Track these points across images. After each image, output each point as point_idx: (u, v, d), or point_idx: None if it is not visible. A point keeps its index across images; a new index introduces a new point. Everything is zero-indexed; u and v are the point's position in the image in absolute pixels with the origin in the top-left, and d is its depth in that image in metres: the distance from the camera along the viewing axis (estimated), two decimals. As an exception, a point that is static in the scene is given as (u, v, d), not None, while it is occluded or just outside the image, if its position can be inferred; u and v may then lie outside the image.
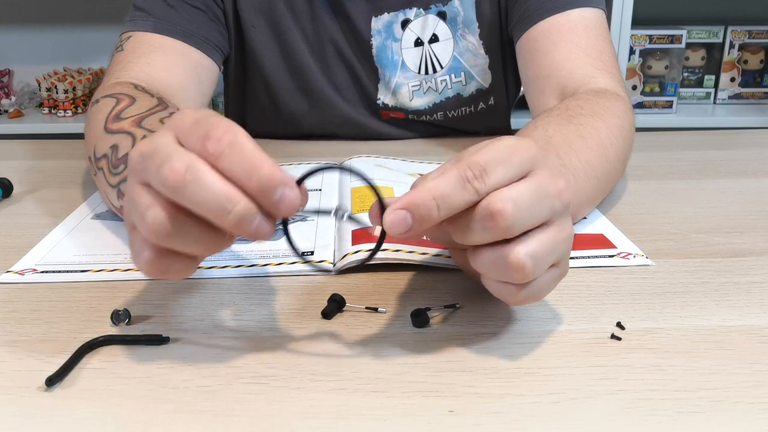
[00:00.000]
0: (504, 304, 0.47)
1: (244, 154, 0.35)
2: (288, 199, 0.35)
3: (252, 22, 0.89)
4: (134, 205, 0.37)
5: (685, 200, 0.68)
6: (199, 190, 0.34)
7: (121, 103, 0.62)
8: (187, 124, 0.37)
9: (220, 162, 0.35)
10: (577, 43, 0.77)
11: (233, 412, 0.36)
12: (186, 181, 0.34)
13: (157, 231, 0.36)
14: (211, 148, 0.35)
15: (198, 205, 0.35)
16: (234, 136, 0.35)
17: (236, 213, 0.35)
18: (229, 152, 0.35)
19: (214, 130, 0.35)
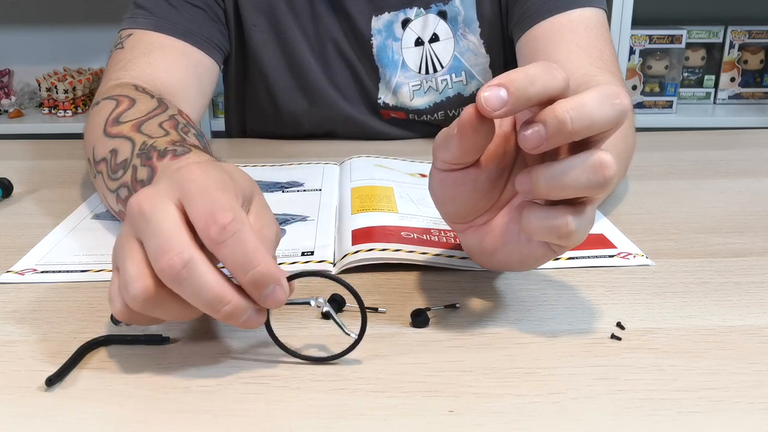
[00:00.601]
0: (504, 305, 0.47)
1: (246, 248, 0.36)
2: (275, 296, 0.37)
3: (252, 21, 0.89)
4: (123, 260, 0.37)
5: (685, 200, 0.68)
6: (194, 287, 0.36)
7: (120, 106, 0.62)
8: (194, 191, 0.37)
9: (220, 249, 0.36)
10: (577, 43, 0.77)
11: (233, 412, 0.36)
12: (182, 277, 0.36)
13: (138, 303, 0.37)
14: (215, 234, 0.36)
15: (190, 298, 0.36)
16: (240, 227, 0.36)
17: (225, 312, 0.37)
18: (232, 243, 0.36)
19: (221, 215, 0.36)
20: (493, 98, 0.36)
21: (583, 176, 0.37)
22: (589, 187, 0.38)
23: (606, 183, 0.38)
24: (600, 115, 0.36)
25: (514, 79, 0.36)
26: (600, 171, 0.37)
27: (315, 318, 0.46)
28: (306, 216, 0.62)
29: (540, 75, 0.36)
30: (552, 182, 0.38)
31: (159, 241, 0.36)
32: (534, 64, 0.37)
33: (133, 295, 0.36)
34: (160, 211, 0.37)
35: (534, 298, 0.48)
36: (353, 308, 0.47)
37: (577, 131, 0.36)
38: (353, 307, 0.47)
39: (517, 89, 0.36)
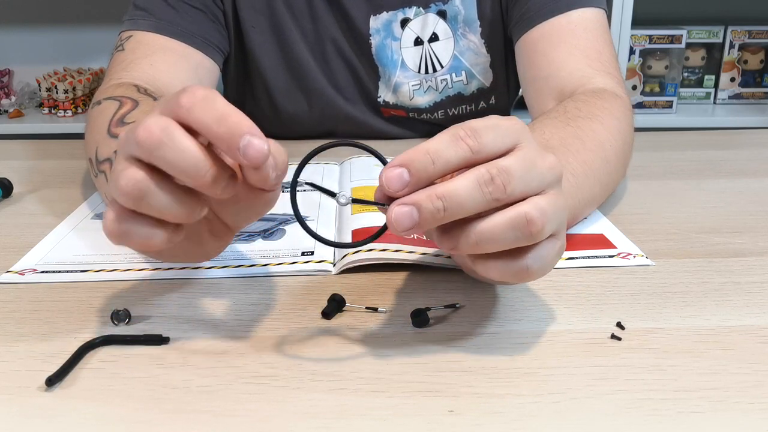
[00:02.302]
0: (504, 305, 0.47)
1: (215, 105, 0.36)
2: (253, 146, 0.36)
3: (251, 22, 0.89)
4: (113, 171, 0.37)
5: (685, 200, 0.68)
6: (175, 150, 0.35)
7: (124, 107, 0.62)
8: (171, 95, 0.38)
9: (191, 113, 0.36)
10: (575, 45, 0.77)
11: (233, 412, 0.36)
12: (162, 141, 0.35)
13: (129, 192, 0.36)
14: (185, 100, 0.36)
15: (174, 164, 0.36)
16: (208, 92, 0.36)
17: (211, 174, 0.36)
18: (201, 104, 0.36)
19: (191, 87, 0.37)
20: (394, 180, 0.37)
21: (509, 233, 0.37)
22: (518, 240, 0.37)
23: (534, 236, 0.37)
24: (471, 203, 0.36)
25: (415, 159, 0.37)
26: (524, 228, 0.37)
27: (315, 318, 0.46)
28: (306, 216, 0.62)
29: (443, 150, 0.37)
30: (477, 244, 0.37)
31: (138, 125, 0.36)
32: (441, 135, 0.37)
33: (122, 183, 0.36)
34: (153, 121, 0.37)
35: (534, 298, 0.48)
36: (353, 308, 0.47)
37: (449, 217, 0.36)
38: (353, 307, 0.47)
39: (417, 171, 0.37)
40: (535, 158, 0.38)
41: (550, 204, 0.38)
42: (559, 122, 0.61)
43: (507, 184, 0.37)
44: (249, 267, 0.53)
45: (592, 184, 0.58)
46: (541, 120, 0.63)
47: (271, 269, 0.52)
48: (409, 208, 0.36)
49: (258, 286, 0.50)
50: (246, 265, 0.53)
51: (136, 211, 0.37)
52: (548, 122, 0.62)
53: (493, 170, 0.37)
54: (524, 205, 0.37)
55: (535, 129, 0.60)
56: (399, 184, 0.37)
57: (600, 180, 0.59)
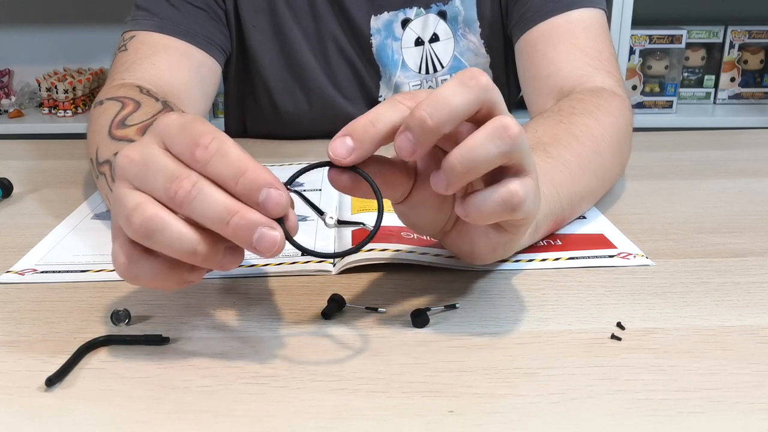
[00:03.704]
0: (504, 305, 0.47)
1: (230, 160, 0.37)
2: (272, 198, 0.37)
3: (252, 22, 0.89)
4: (120, 206, 0.38)
5: (685, 200, 0.68)
6: (203, 202, 0.36)
7: (126, 108, 0.63)
8: (173, 130, 0.38)
9: (208, 169, 0.37)
10: (575, 44, 0.77)
11: (233, 412, 0.36)
12: (192, 196, 0.36)
13: (139, 228, 0.37)
14: (199, 155, 0.37)
15: (200, 215, 0.37)
16: (220, 144, 0.37)
17: (235, 223, 0.36)
18: (217, 159, 0.36)
19: (202, 138, 0.37)
20: (339, 148, 0.38)
21: (489, 144, 0.38)
22: (501, 154, 0.38)
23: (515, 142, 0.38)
24: (457, 101, 0.37)
25: (356, 125, 0.38)
26: (504, 133, 0.38)
27: (315, 318, 0.46)
28: (306, 216, 0.62)
29: (383, 113, 0.39)
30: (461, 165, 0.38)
31: (165, 173, 0.37)
32: (381, 104, 0.40)
33: (133, 220, 0.36)
34: (151, 153, 0.38)
35: (534, 298, 0.48)
36: (353, 308, 0.47)
37: (440, 123, 0.37)
38: (353, 307, 0.47)
39: (359, 135, 0.38)
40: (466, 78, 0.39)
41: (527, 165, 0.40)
42: (553, 120, 0.62)
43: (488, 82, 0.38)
44: (249, 267, 0.53)
45: (588, 178, 0.58)
46: (536, 119, 0.63)
47: (271, 269, 0.52)
48: (404, 135, 0.38)
49: (258, 286, 0.50)
50: (246, 265, 0.53)
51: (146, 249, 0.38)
52: (542, 121, 0.62)
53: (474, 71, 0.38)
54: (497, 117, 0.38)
55: (529, 128, 0.60)
56: (343, 150, 0.38)
57: (596, 174, 0.59)
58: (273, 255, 0.37)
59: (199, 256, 0.37)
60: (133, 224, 0.37)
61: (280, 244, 0.37)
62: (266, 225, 0.36)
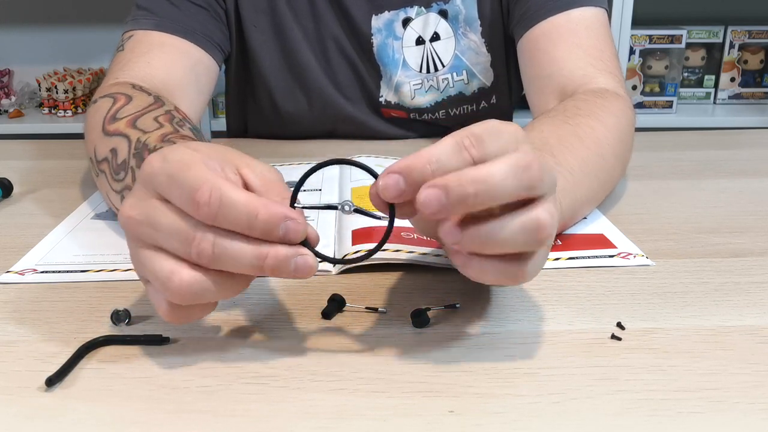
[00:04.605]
0: (504, 305, 0.47)
1: (238, 208, 0.36)
2: (291, 230, 0.37)
3: (253, 21, 0.89)
4: (149, 271, 0.38)
5: (685, 200, 0.68)
6: (231, 258, 0.36)
7: (117, 103, 0.63)
8: (163, 181, 0.37)
9: (220, 223, 0.36)
10: (577, 44, 0.77)
11: (233, 413, 0.36)
12: (217, 255, 0.36)
13: (184, 296, 0.37)
14: (205, 215, 0.36)
15: (233, 268, 0.37)
16: (220, 193, 0.36)
17: (269, 265, 0.37)
18: (223, 211, 0.36)
19: (198, 194, 0.36)
20: (390, 188, 0.36)
21: (519, 237, 0.36)
22: (526, 245, 0.37)
23: (542, 243, 0.37)
24: (505, 190, 0.35)
25: (414, 167, 0.36)
26: (535, 233, 0.36)
27: (315, 318, 0.46)
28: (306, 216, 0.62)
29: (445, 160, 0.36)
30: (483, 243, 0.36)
31: (177, 234, 0.36)
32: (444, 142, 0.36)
33: (175, 289, 0.37)
34: (152, 212, 0.37)
35: (534, 298, 0.48)
36: (353, 308, 0.47)
37: (479, 203, 0.35)
38: (353, 307, 0.47)
39: (414, 181, 0.36)
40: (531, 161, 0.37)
41: (555, 210, 0.38)
42: (558, 120, 0.62)
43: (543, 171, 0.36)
44: (249, 267, 0.53)
45: (590, 182, 0.58)
46: (541, 119, 0.63)
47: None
48: (436, 192, 0.35)
49: (258, 286, 0.50)
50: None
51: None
52: (547, 121, 0.62)
53: (528, 157, 0.36)
54: (536, 209, 0.36)
55: (534, 128, 0.60)
56: (395, 191, 0.36)
57: (598, 177, 0.59)
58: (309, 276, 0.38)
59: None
60: (175, 294, 0.37)
61: (315, 264, 0.38)
62: (297, 254, 0.37)
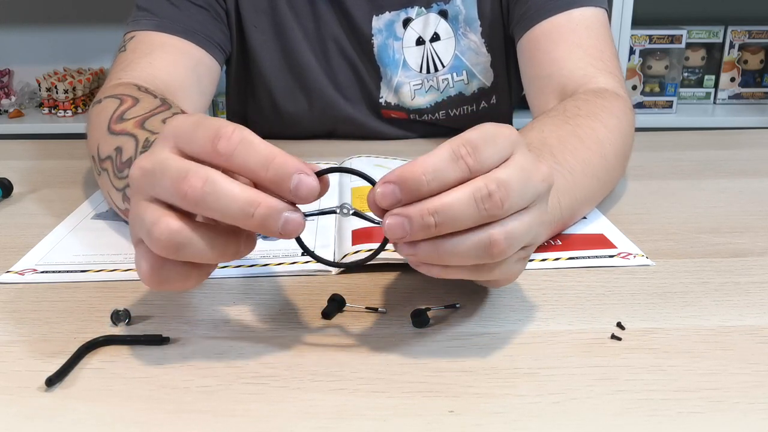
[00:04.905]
0: (504, 305, 0.47)
1: (257, 149, 0.36)
2: (305, 184, 0.36)
3: (254, 22, 0.89)
4: (140, 221, 0.37)
5: (685, 200, 0.68)
6: (220, 199, 0.35)
7: (124, 104, 0.62)
8: (187, 129, 0.37)
9: (234, 159, 0.36)
10: (577, 43, 0.77)
11: (233, 413, 0.36)
12: (205, 192, 0.35)
13: (166, 244, 0.36)
14: (223, 147, 0.35)
15: (220, 213, 0.36)
16: (242, 133, 0.36)
17: (260, 214, 0.35)
18: (242, 149, 0.35)
19: (222, 129, 0.36)
20: (387, 197, 0.36)
21: (472, 252, 0.37)
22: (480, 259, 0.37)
23: (496, 258, 0.37)
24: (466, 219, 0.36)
25: (409, 178, 0.36)
26: (488, 250, 0.37)
27: (315, 318, 0.46)
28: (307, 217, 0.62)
29: (441, 170, 0.36)
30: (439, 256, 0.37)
31: (171, 173, 0.36)
32: (440, 150, 0.36)
33: (158, 236, 0.36)
34: (162, 159, 0.37)
35: (534, 298, 0.48)
36: (353, 308, 0.47)
37: (442, 231, 0.36)
38: (353, 307, 0.47)
39: (409, 190, 0.36)
40: (531, 169, 0.38)
41: (522, 226, 0.37)
42: (558, 120, 0.62)
43: (505, 200, 0.36)
44: (249, 267, 0.53)
45: (590, 182, 0.58)
46: (541, 119, 0.63)
47: (272, 269, 0.52)
48: (401, 220, 0.36)
49: (258, 286, 0.50)
50: (246, 265, 0.53)
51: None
52: (547, 121, 0.62)
53: (491, 185, 0.36)
54: (492, 227, 0.37)
55: (534, 128, 0.60)
56: (391, 200, 0.36)
57: (598, 178, 0.59)
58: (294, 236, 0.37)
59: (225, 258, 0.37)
60: (157, 242, 0.36)
61: (303, 224, 0.37)
62: (289, 209, 0.36)
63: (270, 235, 0.37)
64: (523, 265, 0.42)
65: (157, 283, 0.38)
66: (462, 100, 0.92)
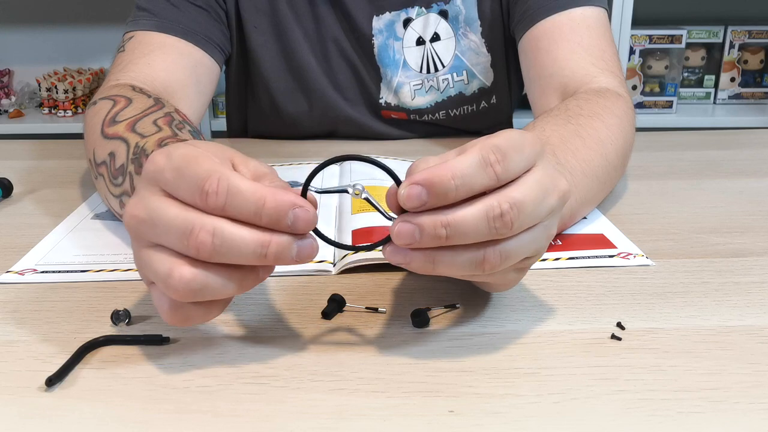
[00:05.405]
0: (504, 305, 0.47)
1: (245, 197, 0.35)
2: (300, 218, 0.36)
3: (254, 22, 0.89)
4: (150, 270, 0.37)
5: (685, 200, 0.68)
6: (232, 248, 0.35)
7: (117, 105, 0.62)
8: (169, 177, 0.37)
9: (227, 212, 0.36)
10: (579, 42, 0.77)
11: (233, 413, 0.36)
12: (216, 245, 0.35)
13: (184, 293, 0.36)
14: (212, 203, 0.35)
15: (235, 259, 0.36)
16: (228, 182, 0.35)
17: (272, 252, 0.36)
18: (231, 201, 0.35)
19: (207, 183, 0.35)
20: (413, 199, 0.36)
21: (465, 267, 0.37)
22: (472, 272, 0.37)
23: (486, 272, 0.37)
24: (475, 234, 0.36)
25: (438, 182, 0.35)
26: (479, 266, 0.37)
27: (315, 318, 0.46)
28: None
29: (470, 176, 0.35)
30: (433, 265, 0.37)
31: (176, 229, 0.36)
32: (470, 155, 0.36)
33: (174, 286, 0.36)
34: (156, 207, 0.36)
35: (534, 298, 0.48)
36: (353, 308, 0.47)
37: (450, 243, 0.36)
38: (353, 307, 0.47)
39: (437, 194, 0.35)
40: (548, 186, 0.38)
41: (520, 244, 0.37)
42: (560, 120, 0.61)
43: (515, 221, 0.36)
44: (249, 267, 0.53)
45: (591, 182, 0.58)
46: (543, 118, 0.63)
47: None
48: (412, 227, 0.36)
49: (258, 286, 0.50)
50: (246, 265, 0.53)
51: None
52: (549, 120, 0.62)
53: (504, 205, 0.36)
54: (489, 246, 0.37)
55: (536, 127, 0.60)
56: (417, 203, 0.36)
57: (599, 178, 0.59)
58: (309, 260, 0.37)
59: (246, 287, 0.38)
60: (175, 292, 0.36)
61: (317, 247, 0.38)
62: (297, 239, 0.37)
63: (286, 264, 0.37)
64: (521, 274, 0.42)
65: (180, 321, 0.38)
66: (462, 100, 0.92)
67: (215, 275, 0.36)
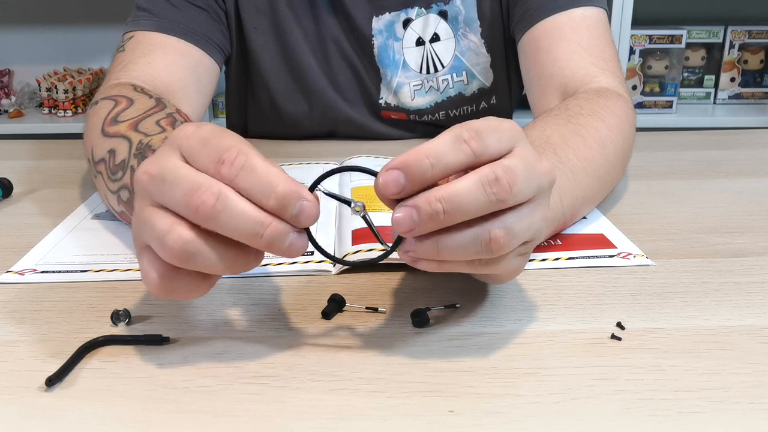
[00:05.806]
0: (504, 305, 0.47)
1: (259, 175, 0.36)
2: (305, 211, 0.36)
3: (253, 23, 0.89)
4: (149, 228, 0.37)
5: (685, 200, 0.68)
6: (231, 216, 0.35)
7: (118, 105, 0.62)
8: (194, 144, 0.37)
9: (237, 184, 0.36)
10: (579, 42, 0.77)
11: (233, 413, 0.36)
12: (217, 210, 0.35)
13: (178, 254, 0.36)
14: (226, 172, 0.36)
15: (230, 231, 0.36)
16: (246, 158, 0.36)
17: (268, 235, 0.36)
18: (244, 175, 0.36)
19: (227, 153, 0.36)
20: (390, 184, 0.36)
21: (471, 248, 0.37)
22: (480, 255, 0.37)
23: (495, 254, 0.37)
24: (474, 206, 0.36)
25: (412, 163, 0.35)
26: (487, 246, 0.37)
27: (315, 318, 0.46)
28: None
29: (444, 154, 0.36)
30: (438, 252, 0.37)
31: (183, 185, 0.36)
32: (443, 135, 0.36)
33: (171, 245, 0.36)
34: (171, 166, 0.36)
35: (534, 298, 0.48)
36: (353, 308, 0.47)
37: (450, 221, 0.36)
38: (353, 307, 0.47)
39: (413, 175, 0.36)
40: (533, 161, 0.38)
41: (523, 221, 0.37)
42: (561, 119, 0.62)
43: (513, 184, 0.36)
44: (249, 267, 0.53)
45: (592, 181, 0.58)
46: (543, 118, 0.63)
47: (271, 269, 0.52)
48: (409, 209, 0.36)
49: (258, 286, 0.50)
50: (246, 265, 0.53)
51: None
52: (550, 120, 0.62)
53: (498, 170, 0.36)
54: (492, 223, 0.37)
55: (537, 126, 0.60)
56: (395, 188, 0.36)
57: (599, 177, 0.60)
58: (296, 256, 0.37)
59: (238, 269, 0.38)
60: (170, 251, 0.36)
61: (306, 245, 0.38)
62: (294, 231, 0.37)
63: (274, 253, 0.37)
64: (524, 260, 0.41)
65: (166, 292, 0.38)
66: (462, 101, 0.92)
67: (210, 247, 0.36)
